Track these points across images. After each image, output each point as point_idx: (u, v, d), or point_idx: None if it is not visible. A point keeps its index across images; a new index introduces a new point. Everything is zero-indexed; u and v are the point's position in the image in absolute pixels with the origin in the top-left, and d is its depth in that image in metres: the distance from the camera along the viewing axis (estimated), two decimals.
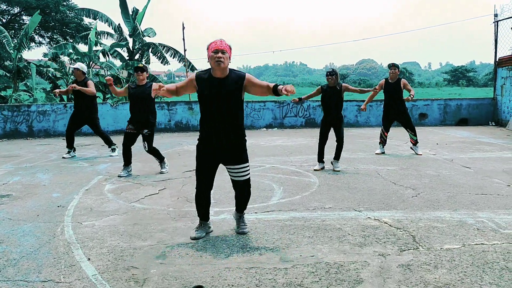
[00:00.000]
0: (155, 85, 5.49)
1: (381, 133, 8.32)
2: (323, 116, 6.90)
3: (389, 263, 3.20)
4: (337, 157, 6.83)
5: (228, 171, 3.82)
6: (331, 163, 6.87)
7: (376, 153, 8.17)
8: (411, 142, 8.23)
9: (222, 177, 6.17)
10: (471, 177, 6.11)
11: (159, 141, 10.40)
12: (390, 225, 4.07)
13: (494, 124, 13.61)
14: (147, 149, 6.63)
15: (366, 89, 7.28)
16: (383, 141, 8.29)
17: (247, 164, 3.77)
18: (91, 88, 8.05)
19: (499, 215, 4.34)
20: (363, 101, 13.95)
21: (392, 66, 8.01)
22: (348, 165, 7.04)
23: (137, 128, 6.54)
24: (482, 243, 3.59)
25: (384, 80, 8.16)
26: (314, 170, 6.71)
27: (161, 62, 20.72)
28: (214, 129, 3.63)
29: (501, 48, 13.60)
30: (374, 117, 13.66)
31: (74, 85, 7.90)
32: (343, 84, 6.75)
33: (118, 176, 6.43)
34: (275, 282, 2.92)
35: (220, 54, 3.47)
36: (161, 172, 6.64)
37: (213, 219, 4.33)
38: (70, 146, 8.36)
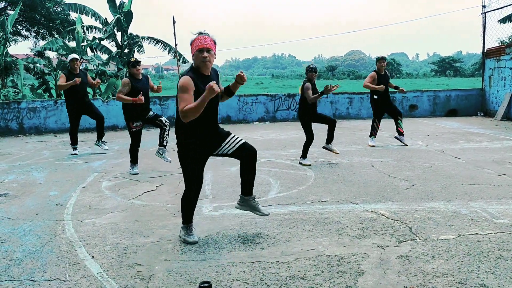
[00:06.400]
0: None
1: (374, 125, 8.38)
2: (311, 112, 6.64)
3: (388, 255, 3.29)
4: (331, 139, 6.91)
5: (225, 150, 3.65)
6: (327, 147, 6.95)
7: (370, 145, 8.27)
8: (399, 131, 8.30)
9: (219, 173, 6.24)
10: (463, 167, 6.23)
11: (152, 136, 10.38)
12: (387, 217, 4.16)
13: (482, 114, 13.81)
14: (168, 122, 6.54)
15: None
16: (375, 133, 8.40)
17: (233, 134, 3.75)
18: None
19: (492, 205, 4.46)
20: (354, 93, 14.09)
21: (382, 59, 8.30)
22: (343, 158, 7.12)
23: (142, 120, 6.41)
24: (476, 233, 3.69)
25: (374, 72, 8.23)
26: (305, 165, 6.67)
27: (137, 51, 20.52)
28: (209, 126, 3.58)
29: (488, 39, 13.79)
30: (365, 109, 13.76)
31: (98, 80, 8.60)
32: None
33: (133, 174, 6.36)
34: (279, 276, 2.99)
35: (205, 54, 3.38)
36: (166, 159, 6.50)
37: (213, 214, 4.38)
38: (76, 142, 8.36)
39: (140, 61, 6.33)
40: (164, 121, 6.55)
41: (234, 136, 3.71)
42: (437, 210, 4.33)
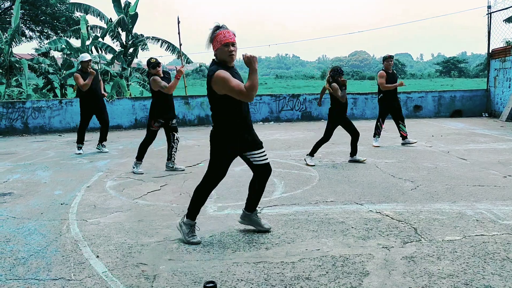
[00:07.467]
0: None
1: (378, 125, 8.36)
2: (340, 112, 6.74)
3: (393, 256, 3.28)
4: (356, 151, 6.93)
5: (253, 158, 3.66)
6: (354, 159, 6.87)
7: (374, 146, 8.25)
8: (402, 135, 8.35)
9: None
10: (468, 168, 6.20)
11: (156, 136, 10.37)
12: (391, 217, 4.14)
13: (487, 115, 13.75)
14: (178, 140, 6.66)
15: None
16: (379, 133, 8.38)
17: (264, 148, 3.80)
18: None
19: (497, 206, 4.43)
20: (359, 93, 14.07)
21: (390, 57, 8.35)
22: (347, 158, 7.10)
23: (166, 120, 6.45)
24: (482, 234, 3.67)
25: (383, 71, 8.22)
26: (309, 165, 6.66)
27: (141, 49, 20.53)
28: (245, 121, 3.58)
29: (494, 39, 13.72)
30: (369, 110, 13.74)
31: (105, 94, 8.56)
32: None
33: (137, 173, 6.39)
34: (284, 276, 2.98)
35: (231, 48, 3.42)
36: (179, 168, 6.59)
37: (217, 214, 4.39)
38: (82, 141, 8.41)
39: (160, 63, 6.36)
40: (176, 138, 6.60)
41: (265, 150, 3.75)
42: (442, 211, 4.31)
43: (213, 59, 3.55)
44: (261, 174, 3.73)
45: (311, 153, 6.79)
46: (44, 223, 4.25)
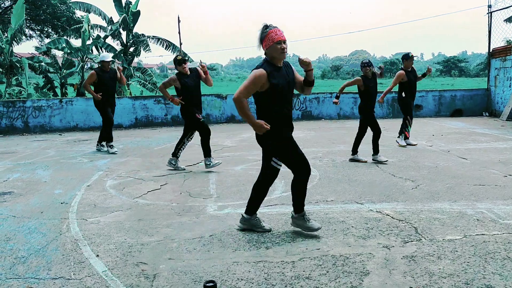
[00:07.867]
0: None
1: (406, 122, 8.19)
2: (369, 108, 6.82)
3: (394, 255, 3.27)
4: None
5: (274, 159, 3.79)
6: (355, 158, 6.91)
7: (401, 145, 8.10)
8: (406, 136, 8.26)
9: (224, 171, 6.24)
10: (468, 168, 6.20)
11: (157, 135, 10.40)
12: (392, 217, 4.14)
13: (488, 114, 13.74)
14: (191, 139, 6.69)
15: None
16: (403, 131, 8.22)
17: None
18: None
19: (498, 205, 4.42)
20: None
21: (412, 57, 7.99)
22: (347, 157, 7.09)
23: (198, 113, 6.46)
24: (482, 234, 3.66)
25: (403, 71, 8.04)
26: (382, 162, 6.71)
27: (143, 50, 20.53)
28: (289, 118, 3.65)
29: (494, 39, 13.71)
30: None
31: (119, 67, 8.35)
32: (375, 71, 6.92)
33: (216, 165, 6.34)
34: (284, 276, 2.98)
35: (283, 45, 3.48)
36: (180, 168, 6.56)
37: (217, 213, 4.38)
38: (112, 139, 8.39)
39: (186, 59, 6.37)
40: (191, 137, 6.59)
41: None
42: (443, 211, 4.30)
43: (264, 58, 3.61)
44: (272, 178, 3.85)
45: (375, 153, 6.85)
46: (44, 222, 4.25)
